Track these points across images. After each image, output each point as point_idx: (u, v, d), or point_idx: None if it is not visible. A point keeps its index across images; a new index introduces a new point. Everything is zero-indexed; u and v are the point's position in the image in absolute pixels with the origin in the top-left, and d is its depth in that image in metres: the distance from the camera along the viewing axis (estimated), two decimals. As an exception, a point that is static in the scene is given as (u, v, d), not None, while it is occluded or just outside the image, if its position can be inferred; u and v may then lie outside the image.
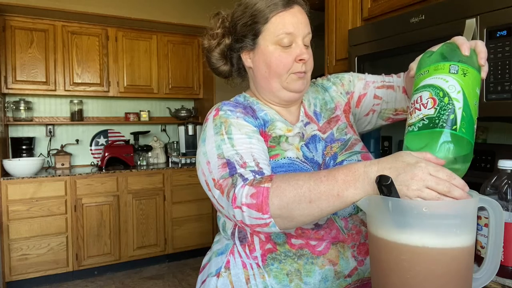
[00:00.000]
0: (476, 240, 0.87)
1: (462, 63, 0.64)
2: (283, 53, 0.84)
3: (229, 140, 0.78)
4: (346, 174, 0.62)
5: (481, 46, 0.66)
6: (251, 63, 0.90)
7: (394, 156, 0.60)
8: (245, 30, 0.87)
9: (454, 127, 0.61)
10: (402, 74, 0.97)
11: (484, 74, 0.66)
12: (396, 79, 0.97)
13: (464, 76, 0.63)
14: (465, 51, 0.64)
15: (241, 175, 0.71)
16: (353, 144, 0.92)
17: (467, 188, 0.57)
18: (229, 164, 0.74)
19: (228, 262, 0.86)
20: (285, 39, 0.83)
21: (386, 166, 0.59)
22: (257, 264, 0.82)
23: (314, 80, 1.04)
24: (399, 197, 0.56)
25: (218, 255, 0.90)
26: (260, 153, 0.78)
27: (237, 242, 0.86)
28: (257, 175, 0.72)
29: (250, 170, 0.73)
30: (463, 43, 0.65)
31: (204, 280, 0.91)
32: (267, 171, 0.75)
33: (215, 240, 0.98)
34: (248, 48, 0.89)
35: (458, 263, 0.55)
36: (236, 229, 0.86)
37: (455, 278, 0.55)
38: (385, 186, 0.55)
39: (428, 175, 0.55)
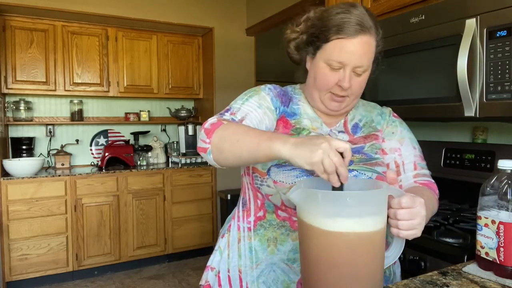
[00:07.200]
0: (476, 240, 0.88)
1: None
2: (329, 73, 0.89)
3: (243, 100, 0.93)
4: (277, 136, 0.73)
5: None
6: (309, 67, 0.97)
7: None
8: (311, 40, 0.92)
9: None
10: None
11: None
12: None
13: None
14: None
15: (223, 114, 0.89)
16: (377, 165, 0.93)
17: (345, 181, 0.66)
18: (226, 110, 0.91)
19: (230, 225, 1.03)
20: (334, 64, 0.87)
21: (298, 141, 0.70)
22: (249, 228, 0.97)
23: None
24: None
25: (228, 222, 1.07)
26: (252, 118, 0.89)
27: (241, 208, 1.02)
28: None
29: (232, 118, 0.87)
30: None
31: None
32: None
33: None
34: (310, 54, 0.95)
35: (375, 243, 0.66)
36: (241, 196, 1.02)
37: (375, 256, 0.67)
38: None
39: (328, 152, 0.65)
